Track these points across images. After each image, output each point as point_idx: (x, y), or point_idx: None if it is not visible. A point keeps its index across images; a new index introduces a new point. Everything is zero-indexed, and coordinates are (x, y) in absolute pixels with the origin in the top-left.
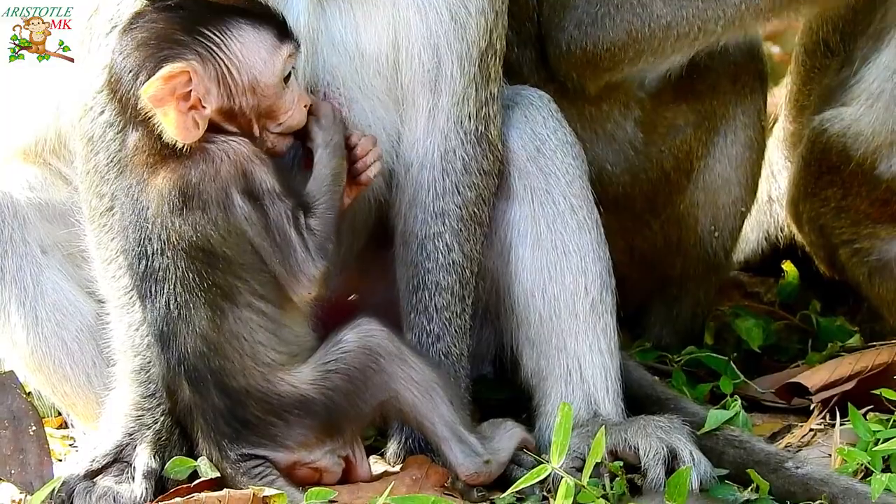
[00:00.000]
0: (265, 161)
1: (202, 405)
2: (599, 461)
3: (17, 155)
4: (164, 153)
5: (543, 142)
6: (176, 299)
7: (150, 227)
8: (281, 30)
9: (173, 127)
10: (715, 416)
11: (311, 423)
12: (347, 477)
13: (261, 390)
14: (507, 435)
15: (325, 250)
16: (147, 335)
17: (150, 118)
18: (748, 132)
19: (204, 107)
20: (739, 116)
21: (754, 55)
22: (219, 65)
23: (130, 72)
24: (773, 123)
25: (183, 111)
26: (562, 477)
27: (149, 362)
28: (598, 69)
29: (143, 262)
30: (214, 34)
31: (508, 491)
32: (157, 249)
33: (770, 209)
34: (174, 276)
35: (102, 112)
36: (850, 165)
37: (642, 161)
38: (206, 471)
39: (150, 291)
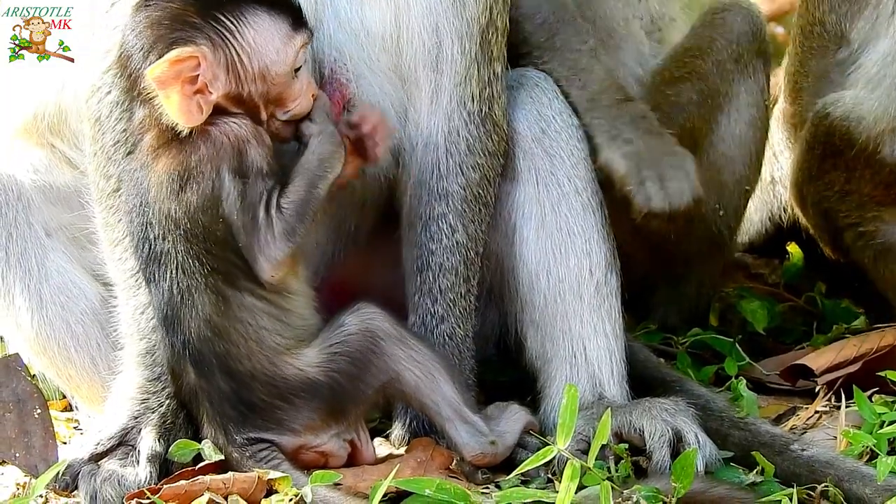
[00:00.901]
0: (263, 142)
1: (208, 389)
2: (605, 443)
3: (19, 134)
4: (168, 135)
5: (548, 123)
6: (179, 284)
7: (150, 211)
8: (296, 18)
9: (175, 110)
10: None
11: (317, 407)
12: (352, 460)
13: (267, 374)
14: (514, 418)
15: (292, 233)
16: (153, 318)
17: (154, 99)
18: (751, 111)
19: (210, 92)
20: (742, 95)
21: (756, 34)
22: (230, 52)
23: (141, 50)
24: (774, 104)
25: (188, 95)
26: (567, 459)
27: (154, 346)
28: None
29: (147, 245)
30: (229, 20)
31: (513, 473)
32: (158, 234)
33: (773, 190)
34: (175, 261)
35: (109, 92)
36: (854, 149)
37: None
38: (210, 454)
39: (154, 276)
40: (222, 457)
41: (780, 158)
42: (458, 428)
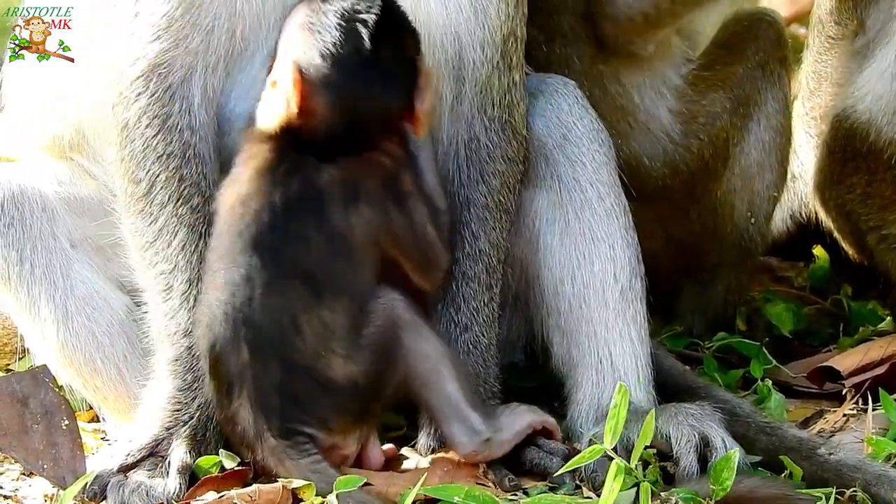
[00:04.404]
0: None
1: (259, 374)
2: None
3: (41, 150)
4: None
5: (569, 129)
6: (277, 268)
7: (286, 208)
8: None
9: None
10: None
11: (352, 407)
12: (359, 461)
13: (321, 374)
14: (515, 415)
15: (452, 242)
16: (183, 323)
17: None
18: (779, 118)
19: None
20: (770, 102)
21: (780, 41)
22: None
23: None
24: (794, 101)
25: None
26: (593, 469)
27: (185, 350)
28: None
29: (256, 226)
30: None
31: (561, 469)
32: (294, 225)
33: (793, 186)
34: (295, 249)
35: (137, 100)
36: (874, 152)
37: (681, 153)
38: (227, 461)
39: (256, 251)
40: (236, 463)
41: (800, 153)
42: (452, 425)
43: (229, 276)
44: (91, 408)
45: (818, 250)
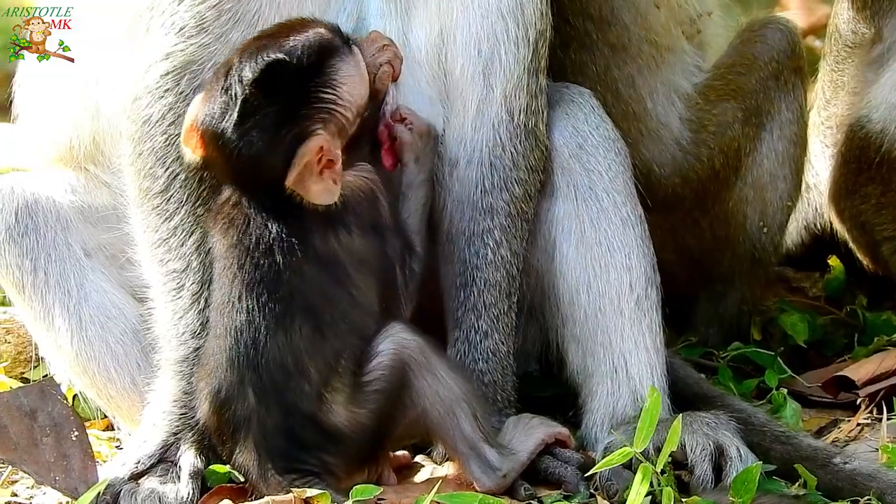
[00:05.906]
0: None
1: (265, 419)
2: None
3: (55, 161)
4: None
5: (585, 138)
6: (277, 306)
7: (283, 234)
8: (345, 38)
9: (318, 197)
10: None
11: (358, 451)
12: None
13: (323, 423)
14: (528, 433)
15: (416, 294)
16: (191, 323)
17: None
18: (792, 127)
19: (334, 161)
20: (784, 112)
21: (794, 50)
22: (338, 116)
23: (261, 150)
24: (809, 112)
25: (321, 176)
26: (608, 477)
27: (193, 352)
28: None
29: (249, 269)
30: (327, 90)
31: (591, 471)
32: (281, 259)
33: (808, 196)
34: (290, 283)
35: (164, 96)
36: (888, 161)
37: (692, 161)
38: (237, 477)
39: (253, 292)
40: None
41: (816, 164)
42: (471, 463)
43: (231, 321)
44: (105, 416)
45: (833, 260)
